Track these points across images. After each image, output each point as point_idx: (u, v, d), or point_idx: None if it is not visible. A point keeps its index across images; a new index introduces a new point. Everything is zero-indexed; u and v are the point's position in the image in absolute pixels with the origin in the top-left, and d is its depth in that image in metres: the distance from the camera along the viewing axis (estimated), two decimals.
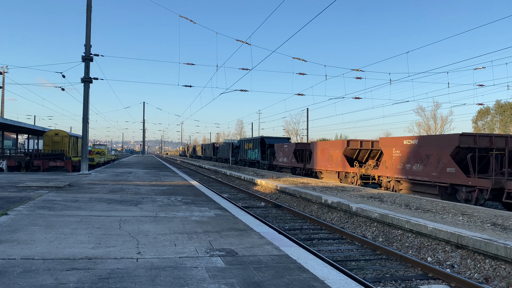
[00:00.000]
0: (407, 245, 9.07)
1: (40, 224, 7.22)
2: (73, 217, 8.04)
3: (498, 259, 7.04)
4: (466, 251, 7.74)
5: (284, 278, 4.50)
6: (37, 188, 13.31)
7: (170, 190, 14.07)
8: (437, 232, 8.43)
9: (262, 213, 13.71)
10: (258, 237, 6.72)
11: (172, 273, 4.55)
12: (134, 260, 5.05)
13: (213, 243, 6.11)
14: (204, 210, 9.53)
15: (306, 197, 15.44)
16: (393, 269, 7.49)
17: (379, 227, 10.49)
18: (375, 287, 6.15)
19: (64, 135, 31.79)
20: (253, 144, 43.04)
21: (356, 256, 8.43)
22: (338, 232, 10.62)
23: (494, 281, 6.75)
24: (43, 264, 4.75)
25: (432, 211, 10.79)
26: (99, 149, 57.58)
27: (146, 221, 7.86)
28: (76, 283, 4.11)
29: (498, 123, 63.15)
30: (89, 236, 6.33)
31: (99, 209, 9.17)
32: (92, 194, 12.06)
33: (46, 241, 5.90)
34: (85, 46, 21.11)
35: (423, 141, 16.31)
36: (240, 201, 16.65)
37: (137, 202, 10.55)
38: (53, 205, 9.62)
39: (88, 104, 21.53)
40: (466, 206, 12.11)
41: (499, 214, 10.37)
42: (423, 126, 70.92)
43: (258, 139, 40.80)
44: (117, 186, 14.81)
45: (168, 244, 5.99)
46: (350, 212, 12.05)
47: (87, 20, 21.18)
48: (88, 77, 21.32)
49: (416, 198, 14.10)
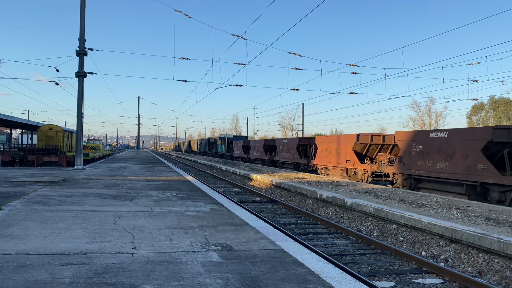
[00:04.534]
0: (401, 240, 9.13)
1: (35, 219, 7.19)
2: (68, 212, 8.01)
3: (491, 253, 7.11)
4: (460, 245, 7.80)
5: (280, 273, 4.51)
6: (32, 183, 13.24)
7: (166, 185, 14.05)
8: (432, 226, 8.48)
9: (258, 208, 13.73)
10: (254, 231, 6.74)
11: (168, 268, 4.55)
12: (130, 255, 5.04)
13: (208, 238, 6.11)
14: (199, 205, 9.53)
15: (302, 192, 15.48)
16: (387, 263, 7.54)
17: (374, 221, 10.55)
18: (370, 281, 6.19)
19: (58, 130, 31.62)
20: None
21: (351, 251, 8.48)
22: (333, 226, 10.66)
23: (488, 274, 6.81)
24: (38, 259, 4.73)
25: (426, 206, 10.86)
26: (93, 144, 57.29)
27: (141, 216, 7.85)
28: (71, 278, 4.10)
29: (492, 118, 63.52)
30: (84, 231, 6.31)
31: (94, 204, 9.14)
32: (87, 189, 12.02)
33: (41, 236, 5.88)
34: (79, 40, 20.95)
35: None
36: (235, 196, 16.66)
37: (132, 197, 10.53)
38: (47, 200, 9.57)
39: (83, 98, 21.40)
40: (460, 200, 12.19)
41: (493, 209, 10.46)
42: (417, 121, 71.27)
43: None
44: (112, 181, 14.76)
45: (164, 239, 5.99)
46: (345, 207, 12.10)
47: (81, 14, 21.01)
48: (82, 71, 21.18)
49: (410, 193, 14.17)
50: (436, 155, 15.24)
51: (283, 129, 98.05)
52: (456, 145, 14.36)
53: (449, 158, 14.62)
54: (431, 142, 15.58)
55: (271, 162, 34.76)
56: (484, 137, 13.25)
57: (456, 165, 14.21)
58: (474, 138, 13.71)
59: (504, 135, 13.12)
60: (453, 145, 14.47)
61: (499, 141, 13.00)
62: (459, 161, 14.13)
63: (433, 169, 15.35)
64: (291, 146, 29.98)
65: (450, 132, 14.88)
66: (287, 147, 31.05)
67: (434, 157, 15.34)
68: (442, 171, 14.88)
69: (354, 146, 21.06)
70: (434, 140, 15.50)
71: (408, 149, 16.80)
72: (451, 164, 14.44)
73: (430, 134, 15.75)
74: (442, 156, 14.93)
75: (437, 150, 15.24)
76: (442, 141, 15.06)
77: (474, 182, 13.44)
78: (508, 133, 13.17)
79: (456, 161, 14.23)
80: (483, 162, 13.13)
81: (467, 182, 13.75)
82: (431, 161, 15.46)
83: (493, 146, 13.13)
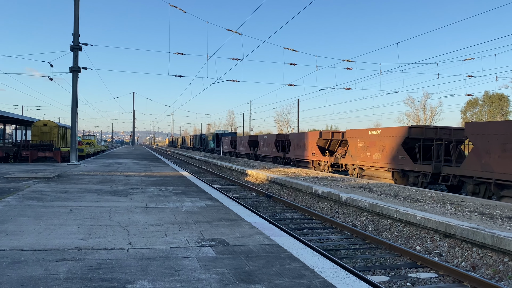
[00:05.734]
0: (396, 234, 9.18)
1: (29, 215, 7.16)
2: (62, 208, 7.97)
3: (485, 247, 7.16)
4: (454, 240, 7.86)
5: (275, 267, 4.52)
6: (26, 179, 13.17)
7: (161, 180, 14.02)
8: (426, 221, 8.54)
9: (253, 203, 13.75)
10: (249, 227, 6.74)
11: (163, 263, 4.55)
12: (125, 251, 5.03)
13: (204, 233, 6.11)
14: (195, 201, 9.52)
15: (297, 187, 15.51)
16: (382, 258, 7.58)
17: (369, 216, 10.59)
18: (365, 275, 6.22)
19: (53, 125, 31.41)
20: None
21: (346, 246, 8.51)
22: (328, 221, 10.70)
23: (481, 269, 6.87)
24: (32, 255, 4.71)
25: (421, 201, 10.92)
26: (88, 139, 57.01)
27: (136, 211, 7.83)
28: (66, 274, 4.09)
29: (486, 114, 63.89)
30: (79, 227, 6.29)
31: (89, 199, 9.11)
32: (82, 184, 11.97)
33: (35, 232, 5.85)
34: (73, 35, 20.77)
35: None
36: (231, 192, 16.66)
37: (127, 192, 10.50)
38: (42, 196, 9.53)
39: (77, 94, 21.26)
40: (455, 195, 12.27)
41: (487, 204, 10.54)
42: (412, 117, 71.58)
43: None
44: (107, 176, 14.71)
45: (159, 234, 5.98)
46: (340, 202, 12.14)
47: (75, 8, 20.82)
48: (77, 66, 21.02)
49: (405, 188, 14.25)
50: (372, 149, 18.97)
51: (279, 125, 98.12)
52: (385, 141, 18.01)
53: (381, 151, 18.28)
54: (370, 138, 19.20)
55: (254, 156, 39.29)
56: (403, 135, 16.89)
57: (386, 156, 17.93)
58: (397, 135, 17.41)
59: (418, 133, 16.65)
60: (384, 141, 18.14)
61: (414, 138, 16.57)
62: (388, 153, 17.81)
63: (370, 160, 19.07)
64: (270, 141, 33.98)
65: (382, 131, 18.56)
66: (267, 142, 34.95)
67: (371, 150, 19.07)
68: (377, 161, 18.58)
69: (317, 141, 24.93)
70: (372, 137, 19.14)
71: (355, 144, 20.60)
72: (382, 156, 18.16)
73: (369, 132, 19.46)
74: (377, 150, 18.59)
75: (371, 145, 19.05)
76: (377, 138, 18.69)
77: (397, 169, 17.35)
78: (421, 131, 16.78)
79: (386, 153, 17.91)
80: (403, 154, 16.89)
81: (393, 169, 17.62)
82: (369, 153, 19.22)
83: (410, 141, 16.73)
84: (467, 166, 13.63)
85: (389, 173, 17.86)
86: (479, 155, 13.13)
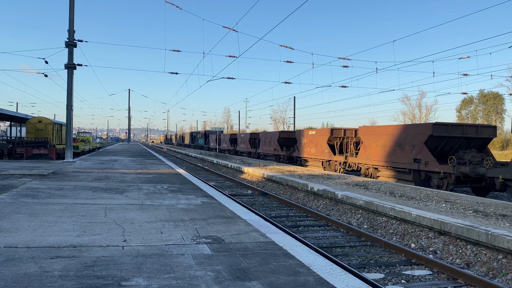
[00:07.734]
0: (391, 232, 9.21)
1: (24, 212, 7.12)
2: (57, 205, 7.94)
3: (479, 245, 7.21)
4: (448, 237, 7.90)
5: (271, 265, 4.53)
6: (20, 176, 13.10)
7: (157, 178, 13.99)
8: (421, 219, 8.57)
9: (249, 201, 13.75)
10: (245, 224, 6.75)
11: (158, 261, 4.54)
12: (120, 248, 5.02)
13: (199, 231, 6.11)
14: (190, 198, 9.51)
15: (293, 185, 15.53)
16: (377, 255, 7.61)
17: (364, 214, 10.63)
18: (360, 273, 6.25)
19: (47, 122, 31.21)
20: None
21: (341, 243, 8.54)
22: (323, 219, 10.72)
23: (475, 266, 6.92)
24: (27, 252, 4.69)
25: (416, 199, 10.97)
26: (84, 136, 56.72)
27: (132, 209, 7.81)
28: (61, 271, 4.07)
29: (481, 112, 64.23)
30: (74, 224, 6.27)
31: (84, 197, 9.08)
32: (77, 182, 11.92)
33: (30, 229, 5.83)
34: (68, 32, 20.66)
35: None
36: (227, 189, 16.66)
37: (122, 190, 10.47)
38: (37, 193, 9.48)
39: (72, 91, 21.16)
40: (450, 193, 12.33)
41: (481, 201, 10.60)
42: (408, 115, 71.81)
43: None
44: (103, 174, 14.66)
45: (154, 232, 5.97)
46: (335, 200, 12.17)
47: (70, 5, 20.69)
48: (72, 63, 20.92)
49: (400, 185, 14.30)
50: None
51: (275, 122, 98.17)
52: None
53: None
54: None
55: (234, 151, 43.65)
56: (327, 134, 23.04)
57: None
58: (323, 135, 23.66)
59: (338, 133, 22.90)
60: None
61: (336, 136, 22.86)
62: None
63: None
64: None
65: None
66: (243, 139, 37.42)
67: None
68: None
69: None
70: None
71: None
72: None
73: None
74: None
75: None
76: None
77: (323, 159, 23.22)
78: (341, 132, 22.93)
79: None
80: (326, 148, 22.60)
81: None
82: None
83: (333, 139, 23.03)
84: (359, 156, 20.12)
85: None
86: (365, 148, 19.45)
